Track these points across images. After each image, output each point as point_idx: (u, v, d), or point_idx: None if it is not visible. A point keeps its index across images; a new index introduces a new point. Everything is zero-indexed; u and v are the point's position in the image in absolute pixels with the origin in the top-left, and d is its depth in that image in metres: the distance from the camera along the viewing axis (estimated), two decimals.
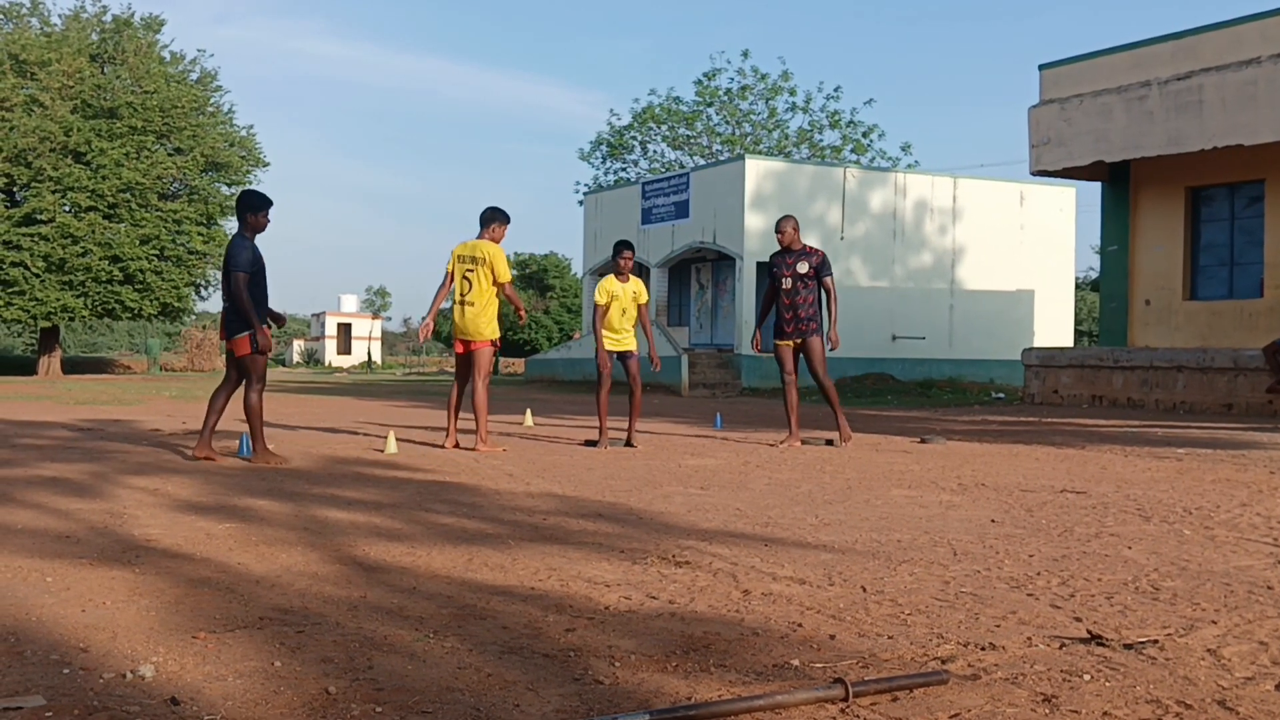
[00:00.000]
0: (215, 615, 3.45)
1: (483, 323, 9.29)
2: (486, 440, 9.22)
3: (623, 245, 9.97)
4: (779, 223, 9.84)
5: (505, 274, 9.31)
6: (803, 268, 9.71)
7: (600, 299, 9.94)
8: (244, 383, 8.01)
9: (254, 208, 7.95)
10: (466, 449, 9.19)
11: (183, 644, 3.11)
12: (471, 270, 9.28)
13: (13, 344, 61.08)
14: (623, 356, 9.97)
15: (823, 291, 9.85)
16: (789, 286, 9.76)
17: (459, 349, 9.50)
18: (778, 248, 9.87)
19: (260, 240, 7.99)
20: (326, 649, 3.08)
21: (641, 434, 10.41)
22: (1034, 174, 19.33)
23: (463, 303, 9.32)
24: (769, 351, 10.27)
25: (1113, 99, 17.42)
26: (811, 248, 9.86)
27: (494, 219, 9.47)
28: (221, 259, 35.62)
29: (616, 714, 2.54)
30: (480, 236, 9.41)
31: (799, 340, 9.83)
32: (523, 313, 9.66)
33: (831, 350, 9.91)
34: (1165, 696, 2.73)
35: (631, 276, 9.97)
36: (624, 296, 9.90)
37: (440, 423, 12.08)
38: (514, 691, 2.74)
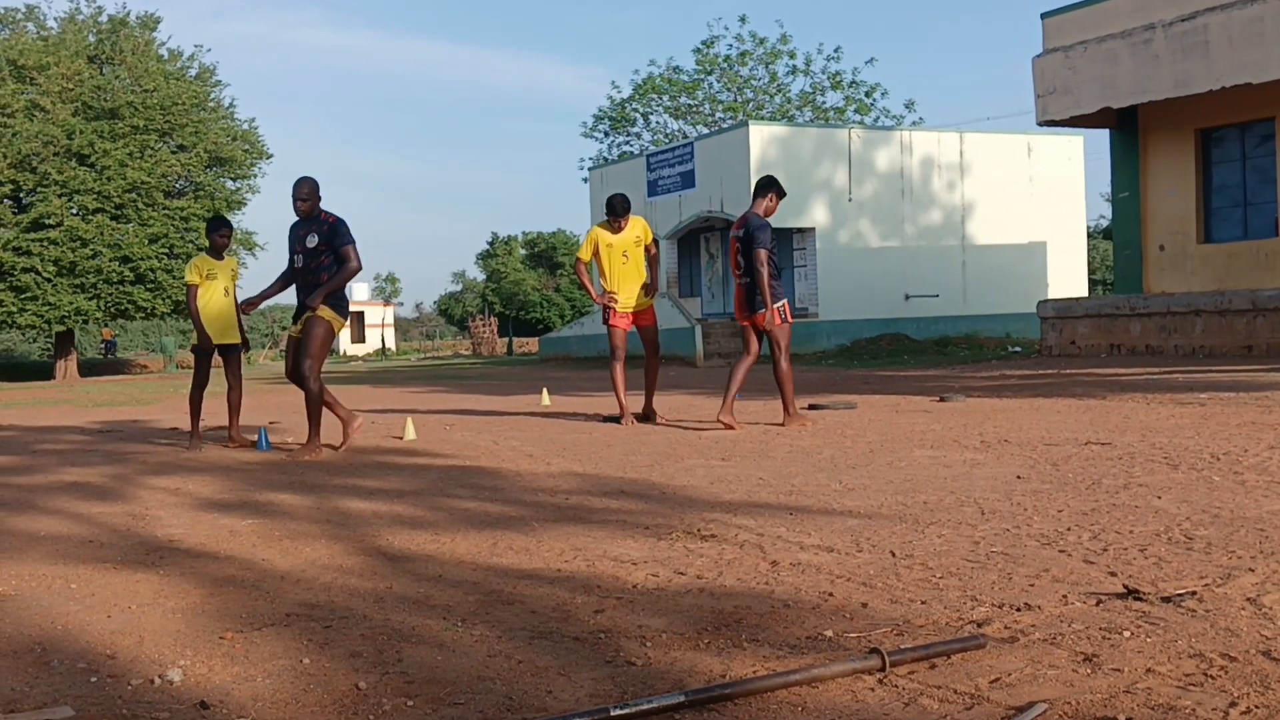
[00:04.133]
0: (241, 614, 3.43)
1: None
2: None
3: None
4: (293, 186, 7.87)
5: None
6: (311, 241, 7.83)
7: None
8: (773, 352, 8.57)
9: (779, 192, 8.67)
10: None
11: (210, 645, 3.09)
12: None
13: (29, 349, 61.30)
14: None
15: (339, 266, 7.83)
16: (299, 265, 7.94)
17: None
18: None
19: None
20: (355, 643, 3.06)
21: (659, 406, 10.33)
22: (1041, 124, 19.15)
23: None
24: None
25: (1117, 44, 17.20)
26: (327, 214, 7.90)
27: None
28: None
29: (651, 696, 2.50)
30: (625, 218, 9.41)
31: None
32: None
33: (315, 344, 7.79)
34: (1208, 650, 2.68)
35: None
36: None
37: (463, 406, 11.99)
38: (546, 677, 2.70)
